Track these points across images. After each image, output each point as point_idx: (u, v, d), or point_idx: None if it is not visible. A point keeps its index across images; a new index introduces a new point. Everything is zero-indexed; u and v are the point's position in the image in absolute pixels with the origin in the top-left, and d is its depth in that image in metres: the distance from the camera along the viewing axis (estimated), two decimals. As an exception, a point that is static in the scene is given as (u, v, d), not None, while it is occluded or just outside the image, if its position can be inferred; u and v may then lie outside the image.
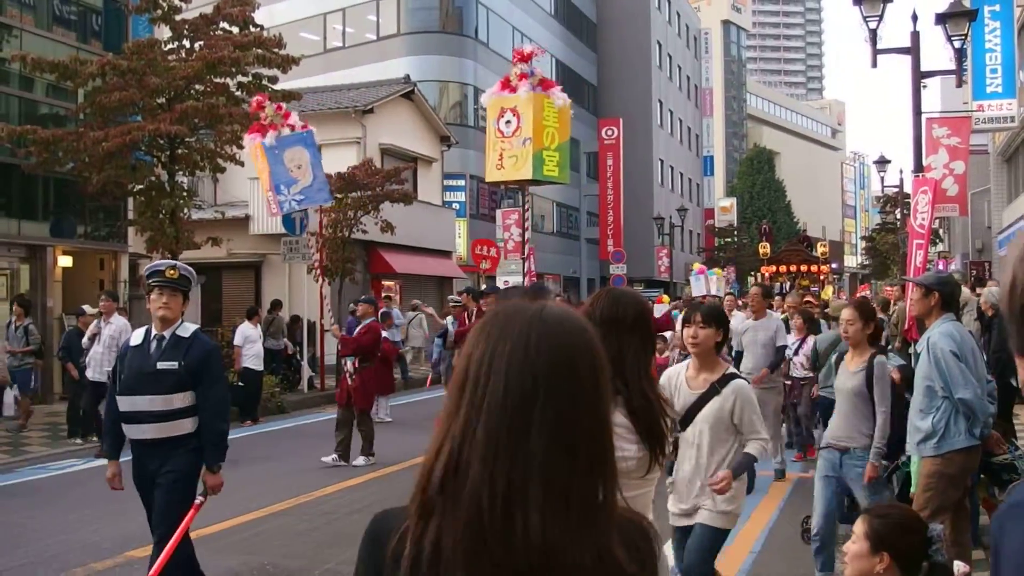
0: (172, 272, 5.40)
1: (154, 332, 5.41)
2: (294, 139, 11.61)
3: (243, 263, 24.99)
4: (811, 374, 10.01)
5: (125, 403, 5.33)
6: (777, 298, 20.23)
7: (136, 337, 5.51)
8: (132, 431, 5.36)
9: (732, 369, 4.74)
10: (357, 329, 12.02)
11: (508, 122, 9.43)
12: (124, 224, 19.31)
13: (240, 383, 15.51)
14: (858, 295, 29.13)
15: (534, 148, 9.35)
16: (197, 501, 5.29)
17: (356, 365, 11.33)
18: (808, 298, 16.58)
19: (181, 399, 5.29)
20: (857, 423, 5.74)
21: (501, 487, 1.25)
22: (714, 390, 4.46)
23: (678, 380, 4.63)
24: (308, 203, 12.46)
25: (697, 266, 26.72)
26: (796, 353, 10.46)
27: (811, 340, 10.20)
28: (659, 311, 14.07)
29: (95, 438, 11.97)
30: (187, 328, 5.47)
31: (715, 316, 4.58)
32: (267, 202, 12.12)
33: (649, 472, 3.04)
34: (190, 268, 5.58)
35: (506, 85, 9.59)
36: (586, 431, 1.31)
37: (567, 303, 11.25)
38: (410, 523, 1.32)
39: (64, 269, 19.52)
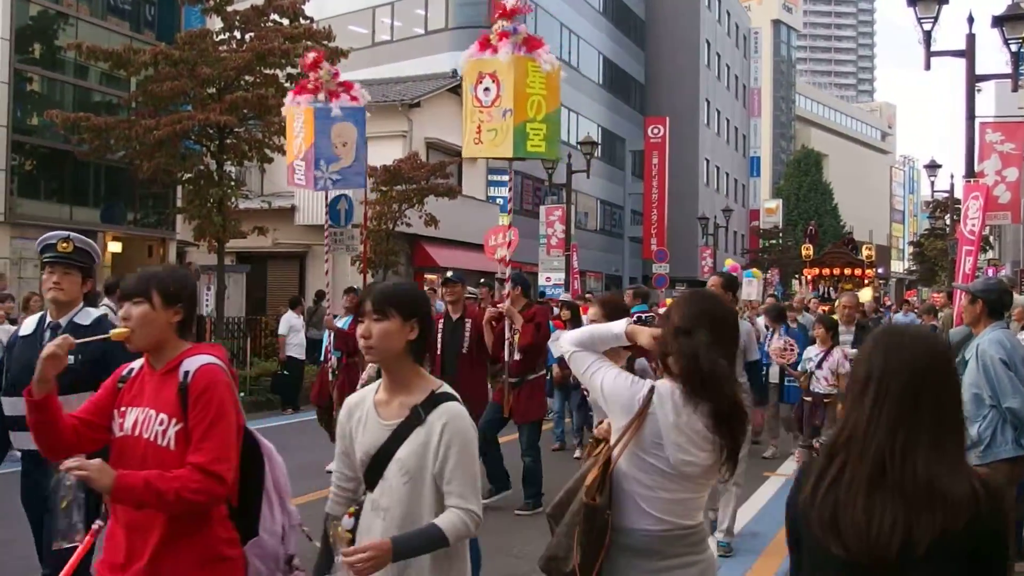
0: (65, 245, 4.38)
1: (48, 319, 4.43)
2: (349, 112, 10.58)
3: (288, 253, 25.22)
4: (835, 390, 9.14)
5: (10, 405, 4.32)
6: (813, 300, 19.90)
7: (27, 325, 4.54)
8: (19, 439, 4.32)
9: (446, 387, 2.99)
10: (348, 321, 11.14)
11: (487, 89, 8.15)
12: (172, 212, 19.58)
13: (284, 371, 15.70)
14: (903, 299, 28.76)
15: (515, 121, 8.04)
16: (95, 527, 3.97)
17: (344, 361, 10.69)
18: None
19: (78, 400, 3.82)
20: None
21: (900, 442, 1.97)
22: (416, 417, 2.88)
23: (363, 411, 3.02)
24: (343, 185, 11.16)
25: (729, 263, 25.80)
26: (820, 367, 9.42)
27: (836, 352, 9.34)
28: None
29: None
30: (88, 314, 4.45)
31: (397, 301, 2.92)
32: (289, 169, 10.88)
33: (710, 479, 2.93)
34: (89, 241, 4.52)
35: (485, 45, 8.29)
36: (951, 406, 2.03)
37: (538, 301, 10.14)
38: (815, 464, 2.10)
39: (113, 255, 19.85)
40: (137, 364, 3.15)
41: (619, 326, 3.04)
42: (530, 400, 8.50)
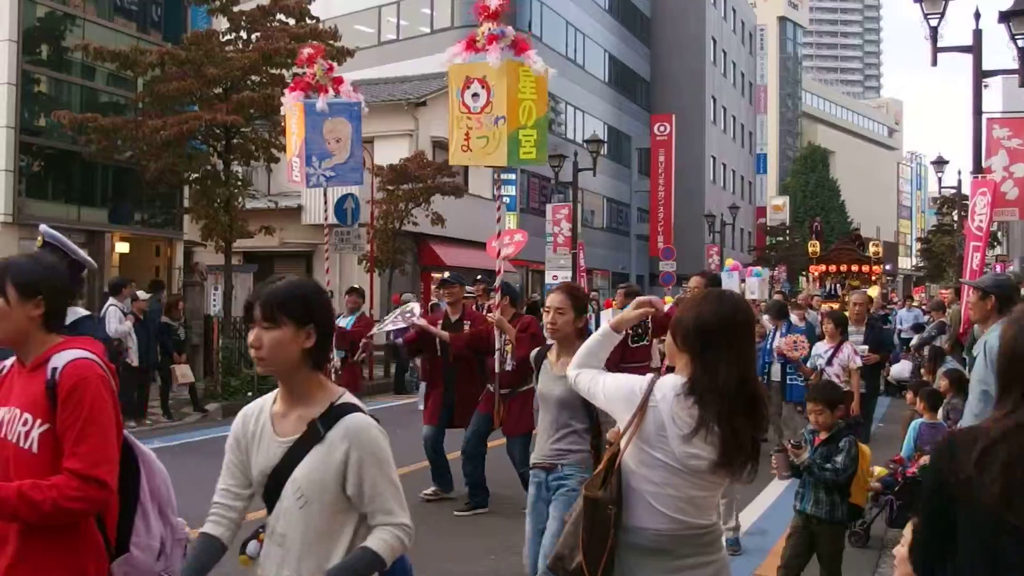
0: (39, 240, 4.21)
1: None
2: (341, 108, 10.40)
3: (295, 252, 25.26)
4: (846, 386, 8.75)
5: None
6: (816, 298, 19.79)
7: None
8: None
9: (347, 396, 2.68)
10: (352, 321, 11.32)
11: (476, 95, 7.79)
12: (180, 212, 19.63)
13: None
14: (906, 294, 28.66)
15: (509, 128, 7.69)
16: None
17: (348, 360, 10.70)
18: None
19: None
20: (564, 435, 4.87)
21: None
22: (314, 433, 2.58)
23: (259, 424, 2.70)
24: (337, 182, 10.80)
25: (730, 262, 25.62)
26: (830, 363, 9.06)
27: (846, 347, 9.08)
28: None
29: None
30: (74, 312, 4.14)
31: (289, 306, 2.58)
32: (288, 166, 10.73)
33: (721, 476, 2.91)
34: (60, 236, 4.29)
35: (471, 45, 7.87)
36: None
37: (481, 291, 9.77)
38: (982, 444, 2.08)
39: (121, 255, 19.91)
40: (10, 361, 2.87)
41: (603, 328, 3.20)
42: (522, 412, 8.25)
